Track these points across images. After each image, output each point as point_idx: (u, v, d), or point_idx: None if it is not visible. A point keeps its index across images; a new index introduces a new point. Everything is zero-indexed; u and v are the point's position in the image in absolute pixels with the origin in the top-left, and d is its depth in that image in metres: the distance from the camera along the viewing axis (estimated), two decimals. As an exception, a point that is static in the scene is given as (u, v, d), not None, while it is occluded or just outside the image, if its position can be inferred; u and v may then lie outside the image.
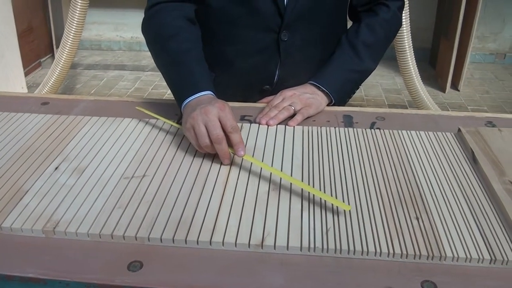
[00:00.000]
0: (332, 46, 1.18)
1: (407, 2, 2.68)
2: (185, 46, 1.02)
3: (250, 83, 1.20)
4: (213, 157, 0.89)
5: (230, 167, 0.86)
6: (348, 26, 1.23)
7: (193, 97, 0.94)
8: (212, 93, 0.96)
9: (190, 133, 0.89)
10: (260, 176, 0.83)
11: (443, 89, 3.43)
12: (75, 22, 2.80)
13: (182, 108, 0.95)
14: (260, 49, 1.14)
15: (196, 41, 1.06)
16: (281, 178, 0.82)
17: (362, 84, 1.23)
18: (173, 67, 1.01)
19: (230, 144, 0.87)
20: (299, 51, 1.15)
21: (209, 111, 0.87)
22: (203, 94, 0.94)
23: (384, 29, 1.16)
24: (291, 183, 0.81)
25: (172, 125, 0.99)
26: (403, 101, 3.27)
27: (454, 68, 3.33)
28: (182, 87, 0.98)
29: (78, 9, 2.77)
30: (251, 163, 0.87)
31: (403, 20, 2.71)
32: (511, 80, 3.66)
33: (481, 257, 0.66)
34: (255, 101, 1.15)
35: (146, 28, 1.10)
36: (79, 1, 2.75)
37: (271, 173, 0.84)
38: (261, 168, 0.85)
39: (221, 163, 0.87)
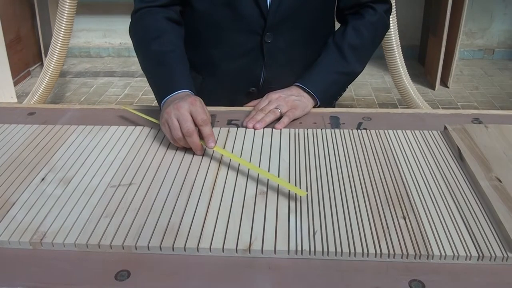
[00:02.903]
0: (317, 49, 1.19)
1: (394, 0, 2.69)
2: (167, 48, 1.05)
3: (236, 86, 1.20)
4: (199, 163, 0.89)
5: (217, 173, 0.86)
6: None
7: (171, 95, 0.98)
8: (190, 92, 0.99)
9: (164, 127, 0.94)
10: (247, 181, 0.83)
11: (432, 86, 3.44)
12: (62, 29, 2.79)
13: (161, 106, 1.00)
14: (244, 51, 1.15)
15: (179, 42, 1.09)
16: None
17: (351, 84, 1.24)
18: (155, 68, 1.06)
19: (202, 136, 0.91)
20: (284, 53, 1.16)
21: (181, 106, 0.92)
22: (180, 92, 0.98)
23: (371, 31, 1.16)
24: (278, 185, 0.81)
25: (157, 122, 1.02)
26: (393, 99, 3.28)
27: (443, 65, 3.34)
28: (162, 86, 1.02)
29: (65, 16, 2.76)
30: (238, 168, 0.87)
31: (391, 19, 2.72)
32: (500, 76, 3.68)
33: (468, 254, 0.66)
34: (242, 104, 1.16)
35: (132, 32, 1.14)
36: (66, 9, 2.74)
37: (258, 178, 0.84)
38: (248, 173, 0.85)
39: (208, 169, 0.87)
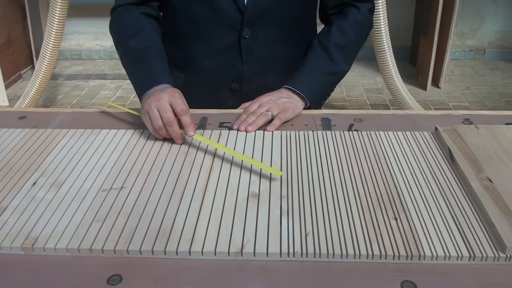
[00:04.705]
0: (298, 45, 1.20)
1: (385, 1, 2.70)
2: (144, 44, 1.07)
3: (218, 83, 1.21)
4: (191, 166, 0.89)
5: (209, 176, 0.86)
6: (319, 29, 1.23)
7: (151, 89, 1.00)
8: (169, 85, 1.02)
9: (145, 118, 0.97)
10: (238, 184, 0.83)
11: (424, 87, 3.45)
12: (53, 32, 2.77)
13: (141, 100, 1.02)
14: (224, 47, 1.16)
15: (156, 38, 1.11)
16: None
17: (343, 85, 1.25)
18: (134, 65, 1.08)
19: (181, 126, 0.95)
20: (262, 48, 1.17)
21: (161, 97, 0.95)
22: (159, 86, 1.00)
23: (355, 30, 1.17)
24: (270, 187, 0.81)
25: (138, 114, 1.05)
26: (384, 100, 3.29)
27: (434, 66, 3.36)
28: (141, 82, 1.05)
29: (56, 19, 2.75)
30: (230, 171, 0.87)
31: (382, 20, 2.73)
32: (491, 76, 3.70)
33: (460, 254, 0.66)
34: (227, 103, 1.17)
35: (111, 30, 1.15)
36: (57, 11, 2.73)
37: (250, 180, 0.84)
38: (240, 176, 0.85)
39: (199, 172, 0.87)
